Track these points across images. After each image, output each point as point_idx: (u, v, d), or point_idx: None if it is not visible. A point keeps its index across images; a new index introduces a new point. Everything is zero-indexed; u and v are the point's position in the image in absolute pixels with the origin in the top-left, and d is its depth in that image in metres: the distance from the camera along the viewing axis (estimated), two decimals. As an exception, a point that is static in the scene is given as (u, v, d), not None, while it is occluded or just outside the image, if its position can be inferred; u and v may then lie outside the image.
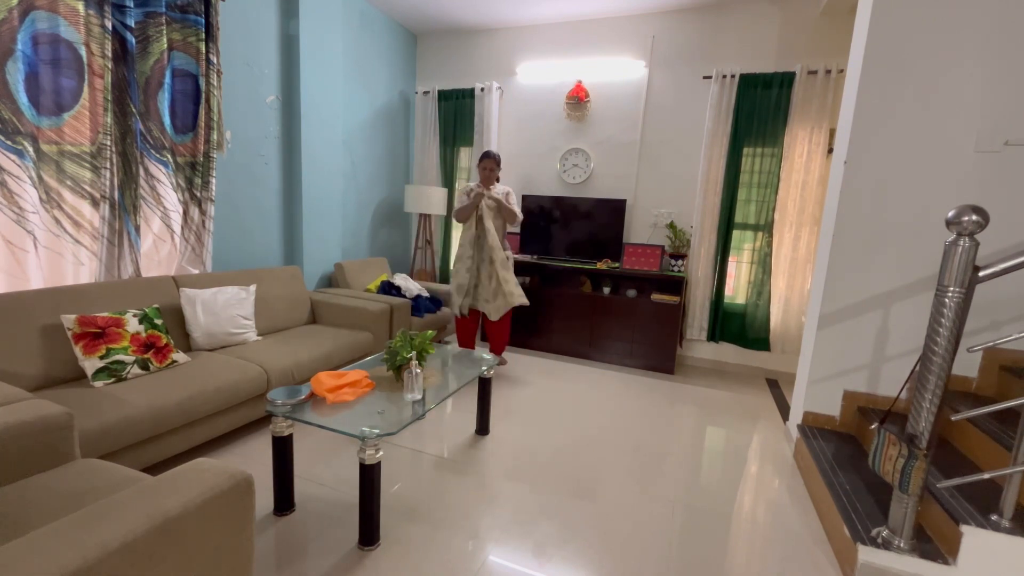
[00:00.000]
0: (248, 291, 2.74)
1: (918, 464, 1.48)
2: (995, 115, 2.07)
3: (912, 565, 1.55)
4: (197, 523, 0.95)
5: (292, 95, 3.33)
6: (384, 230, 4.61)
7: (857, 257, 2.32)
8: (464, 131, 4.49)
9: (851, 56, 2.43)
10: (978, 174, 2.11)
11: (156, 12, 2.42)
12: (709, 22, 3.68)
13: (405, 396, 1.89)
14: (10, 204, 2.01)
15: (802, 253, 3.51)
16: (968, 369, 2.22)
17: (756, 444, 2.65)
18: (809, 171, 3.42)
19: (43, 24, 2.05)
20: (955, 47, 2.09)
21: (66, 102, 2.16)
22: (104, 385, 1.95)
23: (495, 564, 1.62)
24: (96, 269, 2.35)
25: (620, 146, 4.05)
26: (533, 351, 4.13)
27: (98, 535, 0.82)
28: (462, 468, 2.21)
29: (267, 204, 3.30)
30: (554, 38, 4.14)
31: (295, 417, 1.70)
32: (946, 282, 1.49)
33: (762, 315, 3.66)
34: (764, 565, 1.70)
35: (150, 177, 2.52)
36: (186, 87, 2.63)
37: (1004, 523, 1.52)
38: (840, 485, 1.92)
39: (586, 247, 4.10)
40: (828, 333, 2.41)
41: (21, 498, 1.18)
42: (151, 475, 1.13)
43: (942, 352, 1.51)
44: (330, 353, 2.74)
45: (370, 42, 4.09)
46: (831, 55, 3.30)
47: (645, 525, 1.88)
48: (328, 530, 1.73)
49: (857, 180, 2.29)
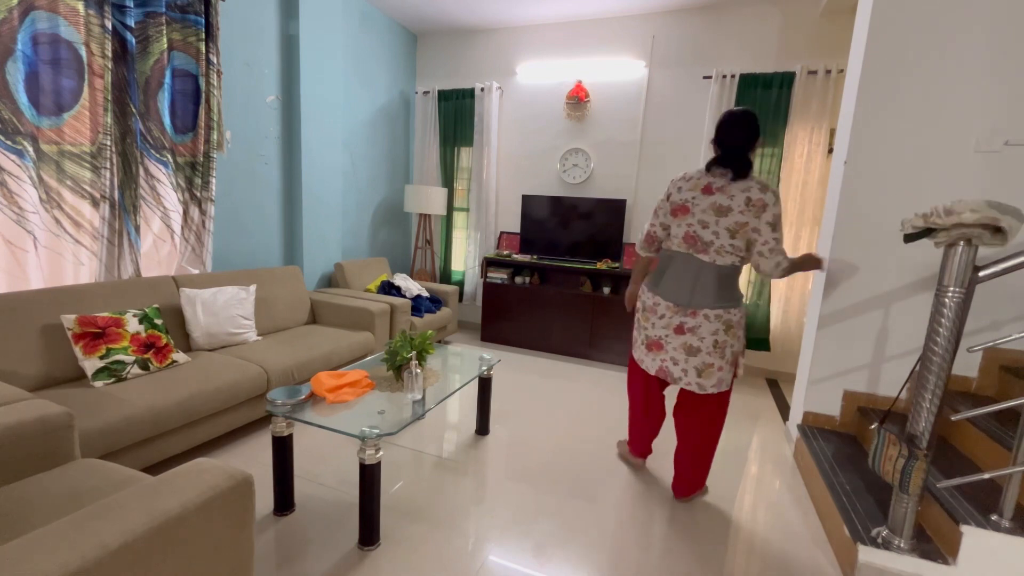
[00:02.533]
0: (248, 291, 2.74)
1: (918, 464, 1.48)
2: (995, 115, 2.07)
3: (912, 565, 1.55)
4: (197, 523, 0.95)
5: (292, 95, 3.33)
6: (384, 230, 4.61)
7: (857, 257, 2.32)
8: (464, 131, 4.49)
9: (851, 56, 2.43)
10: (978, 174, 2.11)
11: (156, 12, 2.42)
12: (709, 22, 3.68)
13: (405, 396, 1.89)
14: (10, 204, 2.01)
15: (802, 253, 3.50)
16: (968, 369, 2.22)
17: (756, 444, 2.65)
18: (809, 171, 3.42)
19: (43, 24, 2.05)
20: (955, 47, 2.09)
21: (66, 102, 2.16)
22: (104, 385, 1.95)
23: (495, 564, 1.62)
24: (96, 269, 2.35)
25: (620, 146, 4.05)
26: (533, 351, 4.13)
27: (98, 535, 0.82)
28: (462, 468, 2.21)
29: (267, 204, 3.30)
30: (554, 38, 4.14)
31: (295, 417, 1.70)
32: (946, 282, 1.49)
33: (762, 315, 3.66)
34: (764, 565, 1.70)
35: (150, 177, 2.52)
36: (186, 87, 2.63)
37: (1004, 523, 1.52)
38: (840, 485, 1.92)
39: (586, 247, 4.10)
40: (828, 333, 2.41)
41: (21, 498, 1.18)
42: (151, 475, 1.13)
43: (942, 352, 1.51)
44: (330, 353, 2.74)
45: (370, 42, 4.09)
46: (831, 55, 3.30)
47: (645, 525, 1.87)
48: (328, 530, 1.73)
49: (857, 180, 2.29)
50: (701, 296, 1.83)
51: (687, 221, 1.85)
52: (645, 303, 1.99)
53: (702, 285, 1.83)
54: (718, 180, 1.81)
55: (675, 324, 1.88)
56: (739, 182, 1.79)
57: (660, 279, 1.95)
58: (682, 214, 1.86)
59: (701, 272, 1.83)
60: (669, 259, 1.94)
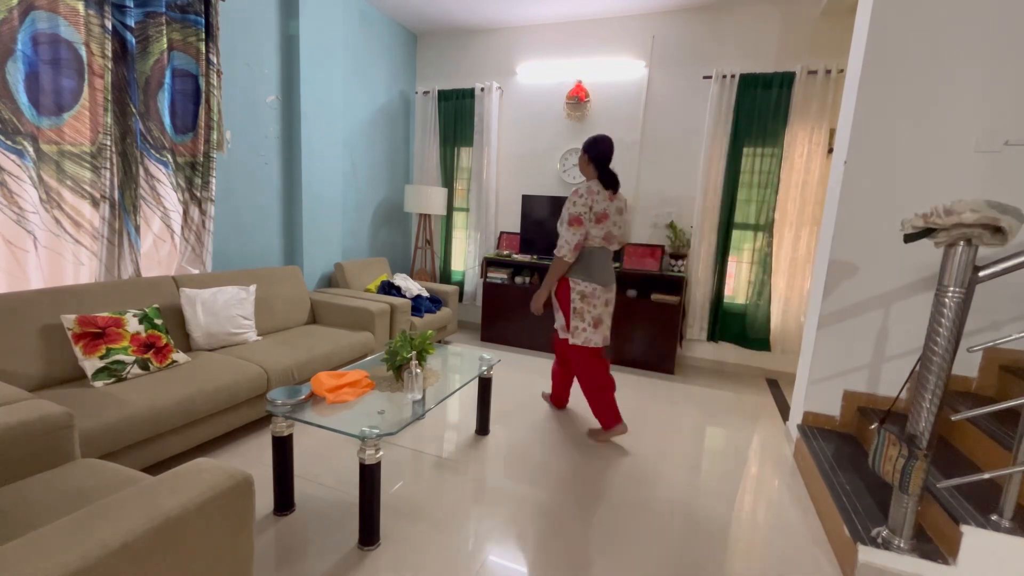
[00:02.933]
0: (248, 291, 2.74)
1: (918, 464, 1.48)
2: (995, 115, 2.07)
3: (912, 565, 1.55)
4: (197, 523, 0.95)
5: (292, 95, 3.33)
6: (384, 230, 4.61)
7: (857, 257, 2.32)
8: (464, 131, 4.49)
9: (851, 56, 2.43)
10: (978, 174, 2.11)
11: (156, 12, 2.42)
12: (709, 22, 3.68)
13: (405, 396, 1.89)
14: (10, 204, 2.01)
15: (802, 253, 3.51)
16: (968, 369, 2.22)
17: (756, 444, 2.65)
18: (809, 171, 3.42)
19: (43, 24, 2.05)
20: (955, 47, 2.09)
21: (66, 102, 2.16)
22: (104, 385, 1.95)
23: (495, 564, 1.62)
24: (96, 269, 2.35)
25: (620, 146, 4.03)
26: (533, 351, 4.13)
27: (98, 535, 0.82)
28: (462, 468, 2.21)
29: (267, 204, 3.30)
30: (554, 38, 4.14)
31: (295, 417, 1.70)
32: (946, 282, 1.50)
33: (762, 315, 3.66)
34: (764, 565, 1.70)
35: (150, 177, 2.52)
36: (186, 87, 2.63)
37: (1004, 523, 1.52)
38: (840, 485, 1.92)
39: (586, 247, 4.09)
40: (828, 333, 2.41)
41: (21, 498, 1.18)
42: (151, 475, 1.13)
43: (942, 352, 1.51)
44: (330, 353, 2.74)
45: (370, 42, 4.09)
46: (831, 55, 3.30)
47: (645, 525, 1.87)
48: (328, 530, 1.73)
49: (857, 180, 2.29)
50: (612, 276, 2.52)
51: (608, 224, 2.42)
52: (583, 292, 2.45)
53: (611, 267, 2.52)
54: (611, 191, 2.44)
55: (605, 300, 2.49)
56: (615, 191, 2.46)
57: (591, 271, 2.44)
58: (604, 219, 2.41)
59: (609, 258, 2.51)
60: (591, 254, 2.45)
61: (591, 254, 2.43)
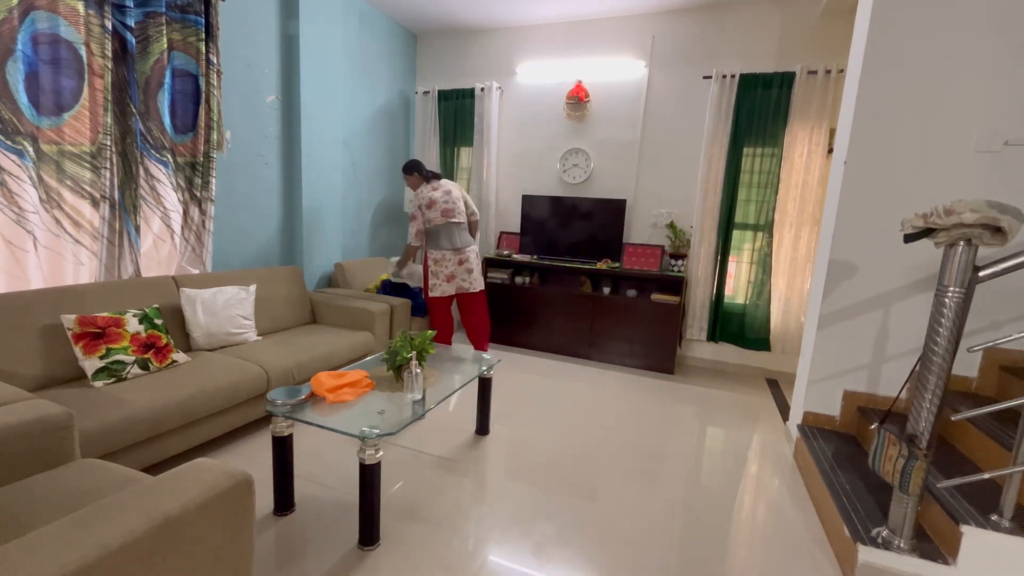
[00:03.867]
0: (248, 291, 2.74)
1: (918, 464, 1.48)
2: (995, 115, 2.07)
3: (912, 565, 1.55)
4: (197, 523, 0.95)
5: (292, 95, 3.33)
6: (384, 230, 4.61)
7: (857, 257, 2.32)
8: (464, 131, 4.49)
9: (851, 56, 2.43)
10: (978, 174, 2.11)
11: (156, 12, 2.42)
12: (709, 22, 3.68)
13: (405, 396, 1.89)
14: (10, 204, 2.01)
15: (802, 253, 3.51)
16: (968, 369, 2.22)
17: (756, 444, 2.65)
18: (809, 171, 3.42)
19: (43, 24, 2.05)
20: (955, 47, 2.09)
21: (66, 102, 2.16)
22: (104, 385, 1.95)
23: (495, 564, 1.62)
24: (96, 269, 2.35)
25: (620, 146, 4.05)
26: (533, 351, 4.13)
27: (98, 535, 0.82)
28: (462, 468, 2.21)
29: (267, 204, 3.30)
30: (554, 38, 4.14)
31: (295, 417, 1.70)
32: (946, 282, 1.50)
33: (762, 315, 3.66)
34: (764, 565, 1.70)
35: (150, 177, 2.52)
36: (186, 87, 2.63)
37: (1004, 523, 1.52)
38: (840, 485, 1.92)
39: (586, 247, 4.10)
40: (828, 333, 2.41)
41: (21, 498, 1.18)
42: (151, 475, 1.13)
43: (942, 352, 1.51)
44: (330, 353, 2.74)
45: (370, 42, 4.09)
46: (831, 55, 3.30)
47: (645, 525, 1.88)
48: (328, 530, 1.73)
49: (857, 180, 2.29)
50: (462, 240, 3.26)
51: (438, 205, 3.19)
52: (436, 258, 3.23)
53: (458, 235, 3.25)
54: (433, 183, 3.26)
55: (458, 260, 3.24)
56: (437, 181, 3.28)
57: (438, 241, 3.23)
58: (433, 205, 3.19)
59: (456, 229, 3.25)
60: (438, 231, 3.22)
61: (437, 231, 3.21)
